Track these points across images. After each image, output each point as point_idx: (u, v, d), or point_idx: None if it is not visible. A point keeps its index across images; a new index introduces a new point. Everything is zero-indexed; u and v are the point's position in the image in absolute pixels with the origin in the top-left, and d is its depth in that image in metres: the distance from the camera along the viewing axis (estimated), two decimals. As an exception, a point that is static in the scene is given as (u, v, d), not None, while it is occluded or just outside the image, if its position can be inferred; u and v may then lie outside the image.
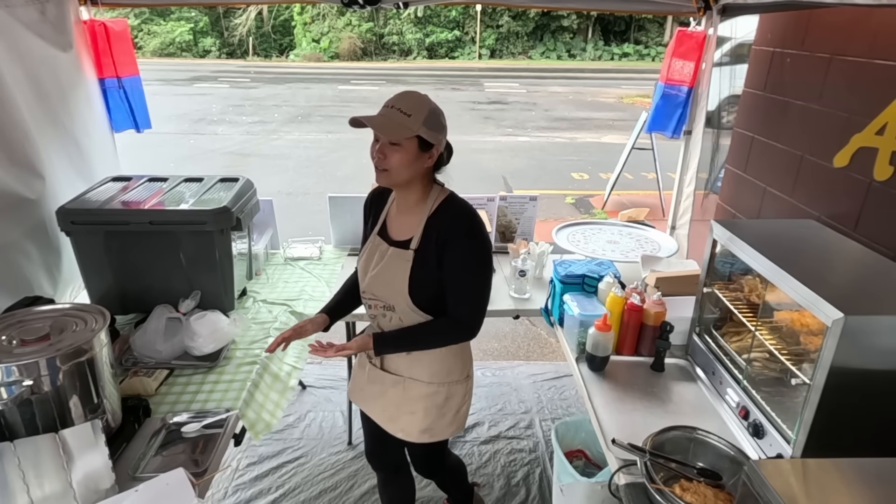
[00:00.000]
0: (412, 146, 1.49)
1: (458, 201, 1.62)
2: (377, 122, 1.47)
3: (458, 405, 1.77)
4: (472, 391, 1.83)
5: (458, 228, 1.55)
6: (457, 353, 1.73)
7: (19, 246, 2.00)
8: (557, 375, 3.36)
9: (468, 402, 1.82)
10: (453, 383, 1.74)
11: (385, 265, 1.62)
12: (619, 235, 2.80)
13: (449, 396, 1.74)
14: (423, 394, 1.72)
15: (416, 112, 1.47)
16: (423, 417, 1.73)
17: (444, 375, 1.72)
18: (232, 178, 2.32)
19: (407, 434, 1.77)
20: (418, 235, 1.58)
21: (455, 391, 1.75)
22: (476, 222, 1.58)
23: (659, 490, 1.35)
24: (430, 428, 1.75)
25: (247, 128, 10.43)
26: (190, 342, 1.89)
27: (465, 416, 1.82)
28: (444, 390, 1.72)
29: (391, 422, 1.79)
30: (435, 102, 1.54)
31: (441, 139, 1.53)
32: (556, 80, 16.67)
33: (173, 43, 21.39)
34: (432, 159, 1.54)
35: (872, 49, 1.75)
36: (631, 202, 6.69)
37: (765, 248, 1.55)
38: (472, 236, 1.56)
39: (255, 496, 2.50)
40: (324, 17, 21.54)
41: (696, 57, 2.62)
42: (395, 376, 1.74)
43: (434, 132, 1.50)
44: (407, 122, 1.46)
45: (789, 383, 1.51)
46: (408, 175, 1.53)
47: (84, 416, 1.40)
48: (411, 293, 1.58)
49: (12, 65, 1.98)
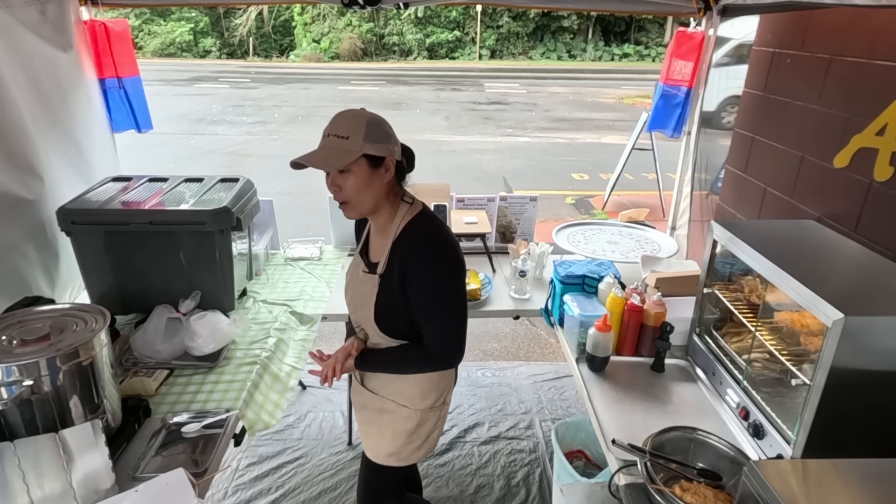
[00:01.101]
0: (362, 168, 1.39)
1: (425, 220, 1.50)
2: (314, 157, 1.39)
3: (428, 431, 1.69)
4: (445, 417, 1.75)
5: (420, 253, 1.44)
6: (435, 379, 1.64)
7: (18, 247, 2.00)
8: (557, 376, 3.36)
9: (440, 427, 1.74)
10: (427, 410, 1.65)
11: (356, 288, 1.58)
12: (619, 236, 2.80)
13: (421, 423, 1.66)
14: (394, 417, 1.65)
15: (352, 131, 1.37)
16: (392, 441, 1.68)
17: (419, 401, 1.64)
18: (232, 179, 2.32)
19: (375, 454, 1.73)
20: (384, 259, 1.49)
21: (428, 417, 1.67)
22: (440, 245, 1.46)
23: (659, 490, 1.35)
24: (396, 452, 1.69)
25: (247, 128, 10.44)
26: (190, 342, 1.89)
27: (435, 441, 1.75)
28: (416, 416, 1.64)
29: (364, 437, 1.76)
30: (372, 113, 1.43)
31: (392, 148, 1.42)
32: (557, 81, 16.68)
33: (174, 43, 21.40)
34: (389, 172, 1.44)
35: (872, 50, 1.75)
36: (631, 203, 6.69)
37: (765, 248, 1.55)
38: (436, 262, 1.45)
39: (255, 496, 2.50)
40: (324, 17, 21.55)
41: (696, 57, 2.62)
42: (371, 394, 1.68)
43: (380, 144, 1.39)
44: (346, 144, 1.37)
45: (789, 384, 1.51)
46: (370, 199, 1.44)
47: (84, 416, 1.40)
48: (377, 320, 1.52)
49: (12, 65, 1.98)
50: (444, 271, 1.46)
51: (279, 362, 2.01)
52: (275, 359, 2.00)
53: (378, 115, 1.44)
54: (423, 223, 1.50)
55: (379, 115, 1.45)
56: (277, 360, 2.01)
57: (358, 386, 1.74)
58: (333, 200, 1.49)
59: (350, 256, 2.78)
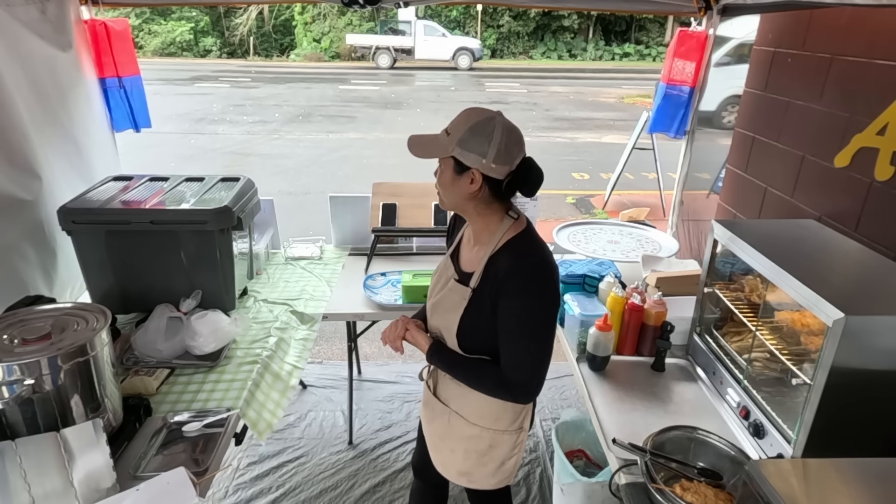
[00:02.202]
0: (449, 167, 1.36)
1: (528, 241, 1.40)
2: (416, 140, 1.40)
3: (503, 457, 1.58)
4: (523, 444, 1.61)
5: (518, 276, 1.34)
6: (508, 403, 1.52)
7: (17, 247, 2.00)
8: (558, 375, 3.36)
9: (517, 455, 1.60)
10: (500, 432, 1.54)
11: (444, 295, 1.50)
12: (619, 235, 2.80)
13: (493, 445, 1.55)
14: (465, 434, 1.56)
15: (455, 131, 1.33)
16: (463, 459, 1.59)
17: (492, 421, 1.53)
18: (233, 178, 2.32)
19: (445, 470, 1.66)
20: (479, 273, 1.40)
21: (501, 441, 1.55)
22: (541, 270, 1.37)
23: (659, 490, 1.35)
24: (468, 472, 1.61)
25: (247, 127, 10.43)
26: (191, 341, 1.90)
27: (513, 470, 1.62)
28: (487, 436, 1.54)
29: (434, 451, 1.68)
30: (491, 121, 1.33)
31: (483, 161, 1.31)
32: (557, 80, 16.67)
33: (174, 42, 21.38)
34: (475, 183, 1.34)
35: (873, 49, 1.75)
36: (632, 202, 6.69)
37: (765, 247, 1.55)
38: (533, 288, 1.35)
39: (255, 495, 2.50)
40: (324, 16, 21.54)
41: (698, 57, 2.62)
42: (443, 406, 1.59)
43: (471, 154, 1.31)
44: (443, 139, 1.35)
45: (790, 383, 1.51)
46: (451, 199, 1.40)
47: (85, 415, 1.40)
48: (459, 335, 1.45)
49: (12, 64, 1.98)
50: (540, 300, 1.36)
51: (280, 361, 2.01)
52: (276, 358, 2.00)
53: (506, 125, 1.34)
54: (524, 242, 1.40)
55: (509, 126, 1.34)
56: (278, 359, 2.01)
57: (429, 396, 1.65)
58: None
59: (351, 256, 2.82)
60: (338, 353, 3.72)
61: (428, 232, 2.70)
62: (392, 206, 2.73)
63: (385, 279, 2.56)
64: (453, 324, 1.45)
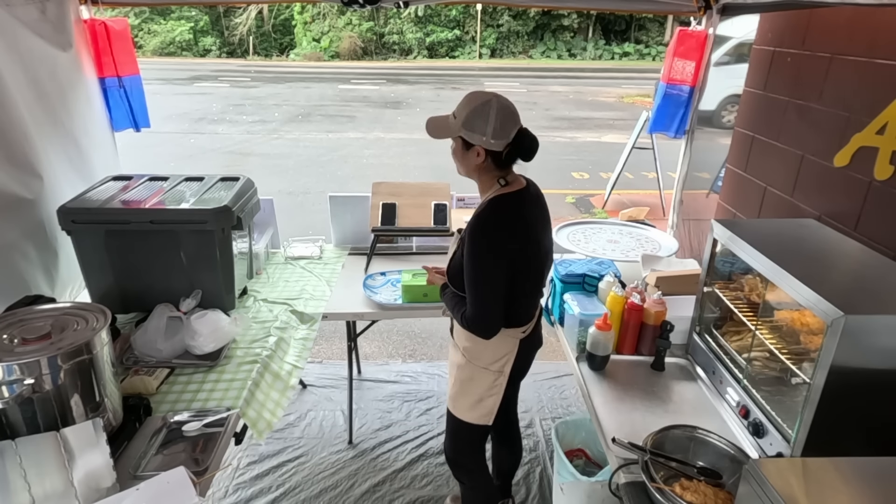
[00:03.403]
0: (458, 144, 1.66)
1: (501, 202, 1.65)
2: (431, 122, 1.69)
3: (480, 393, 1.83)
4: (500, 388, 1.83)
5: (470, 228, 1.62)
6: (488, 341, 1.74)
7: (18, 246, 2.00)
8: (557, 375, 3.36)
9: (495, 397, 1.84)
10: (480, 368, 1.80)
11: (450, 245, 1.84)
12: (619, 235, 2.80)
13: (473, 378, 1.82)
14: (454, 361, 1.87)
15: (459, 114, 1.62)
16: (453, 384, 1.89)
17: (474, 356, 1.80)
18: (232, 178, 2.32)
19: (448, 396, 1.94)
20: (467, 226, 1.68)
21: (480, 376, 1.81)
22: (491, 224, 1.61)
23: (659, 489, 1.35)
24: (454, 397, 1.90)
25: (247, 127, 10.43)
26: (191, 341, 1.90)
27: (490, 411, 1.86)
28: (468, 369, 1.81)
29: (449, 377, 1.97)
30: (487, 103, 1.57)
31: (483, 139, 1.58)
32: (557, 80, 16.66)
33: (173, 42, 21.37)
34: (480, 156, 1.62)
35: (873, 48, 1.75)
36: (631, 201, 6.69)
37: (765, 247, 1.55)
38: (477, 239, 1.60)
39: (255, 495, 2.50)
40: (324, 16, 21.53)
41: (698, 56, 2.62)
42: (453, 341, 1.90)
43: (473, 133, 1.59)
44: (450, 122, 1.64)
45: (789, 382, 1.52)
46: (463, 169, 1.70)
47: (85, 414, 1.40)
48: (448, 275, 1.78)
49: (12, 64, 1.98)
50: (481, 247, 1.61)
51: (280, 361, 2.01)
52: (275, 357, 2.00)
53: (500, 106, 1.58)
54: (496, 203, 1.65)
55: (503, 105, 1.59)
56: (278, 358, 2.01)
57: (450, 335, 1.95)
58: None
59: (350, 255, 2.82)
60: (338, 352, 3.72)
61: (428, 231, 2.70)
62: (392, 205, 2.73)
63: (385, 279, 2.56)
64: (445, 267, 1.80)
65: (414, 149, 8.92)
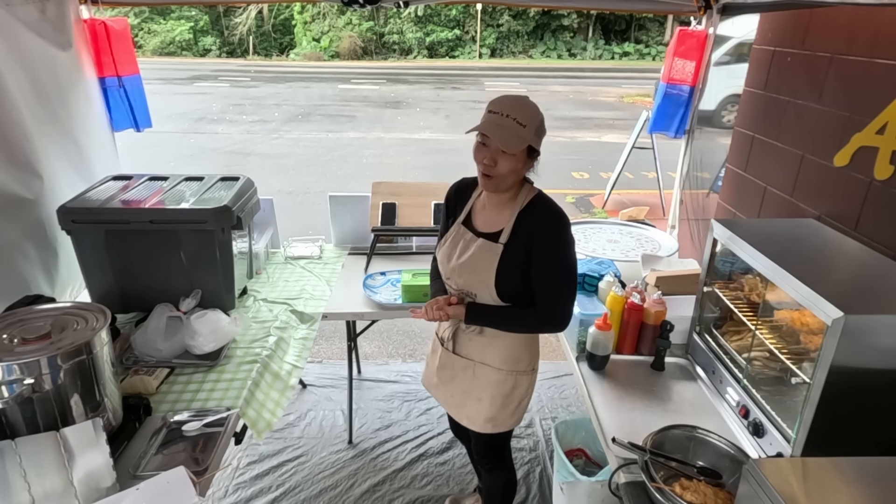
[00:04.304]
0: (522, 155, 1.54)
1: (548, 199, 1.64)
2: (497, 133, 1.48)
3: (520, 397, 1.80)
4: (534, 385, 1.85)
5: (549, 226, 1.58)
6: (528, 343, 1.76)
7: (17, 246, 2.00)
8: (557, 374, 3.36)
9: (530, 395, 1.84)
10: (520, 373, 1.77)
11: (472, 255, 1.66)
12: (619, 234, 2.80)
13: (515, 386, 1.77)
14: (491, 380, 1.75)
15: (530, 122, 1.51)
16: (490, 406, 1.77)
17: (514, 363, 1.75)
18: (232, 177, 2.32)
19: (472, 422, 1.82)
20: (508, 230, 1.60)
21: (521, 382, 1.78)
22: (565, 221, 1.60)
23: (659, 489, 1.35)
24: (494, 417, 1.79)
25: (247, 127, 10.43)
26: (190, 341, 1.90)
27: (525, 409, 1.85)
28: (511, 379, 1.75)
29: (457, 408, 1.85)
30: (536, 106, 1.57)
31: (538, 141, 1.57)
32: (557, 80, 16.67)
33: (173, 42, 21.37)
34: (533, 161, 1.60)
35: (873, 48, 1.75)
36: (631, 201, 6.69)
37: (765, 247, 1.55)
38: (562, 235, 1.59)
39: (255, 495, 2.50)
40: (324, 16, 21.52)
41: (698, 56, 2.62)
42: (466, 360, 1.77)
43: (540, 139, 1.56)
44: (523, 132, 1.49)
45: (789, 382, 1.52)
46: (513, 180, 1.58)
47: (85, 414, 1.40)
48: (497, 285, 1.62)
49: (11, 64, 1.98)
50: (569, 244, 1.60)
51: (280, 361, 2.01)
52: (275, 357, 2.00)
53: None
54: (546, 200, 1.63)
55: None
56: (278, 358, 2.01)
57: (448, 357, 1.81)
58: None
59: (350, 255, 2.81)
60: (337, 352, 3.72)
61: (427, 231, 2.70)
62: (392, 205, 2.73)
63: (385, 278, 2.56)
64: (490, 276, 1.61)
65: (414, 148, 8.93)
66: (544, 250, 1.57)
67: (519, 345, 1.74)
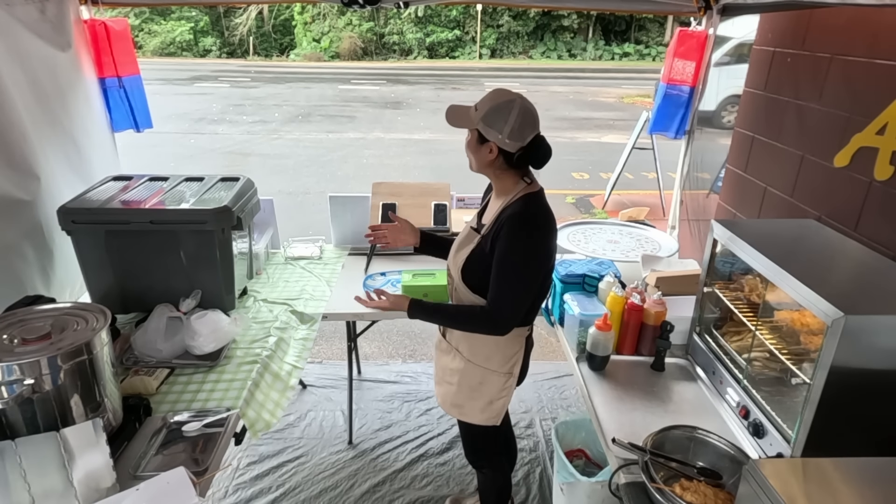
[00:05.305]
0: (473, 137, 1.64)
1: (530, 200, 1.64)
2: (452, 110, 1.68)
3: (492, 395, 1.82)
4: (510, 389, 1.85)
5: (512, 225, 1.59)
6: (498, 343, 1.76)
7: (16, 248, 2.00)
8: (558, 375, 3.36)
9: (505, 399, 1.85)
10: (490, 371, 1.79)
11: (461, 241, 1.80)
12: (619, 235, 2.80)
13: (483, 382, 1.80)
14: (459, 367, 1.83)
15: (481, 108, 1.60)
16: (457, 391, 1.85)
17: (482, 360, 1.79)
18: (232, 178, 2.32)
19: (442, 402, 1.92)
20: (489, 224, 1.67)
21: (490, 380, 1.80)
22: (532, 223, 1.61)
23: (659, 489, 1.35)
24: (460, 405, 1.86)
25: (247, 127, 10.43)
26: (191, 341, 1.90)
27: (500, 412, 1.86)
28: (478, 373, 1.79)
29: (437, 385, 1.96)
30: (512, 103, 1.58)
31: (499, 137, 1.58)
32: (557, 80, 16.67)
33: (174, 42, 21.37)
34: (493, 153, 1.61)
35: (873, 49, 1.75)
36: (631, 202, 6.69)
37: (765, 247, 1.55)
38: (520, 235, 1.59)
39: (255, 495, 2.50)
40: (324, 16, 21.53)
41: (698, 57, 2.62)
42: (448, 344, 1.86)
43: (490, 129, 1.58)
44: (470, 113, 1.63)
45: (789, 383, 1.52)
46: (475, 163, 1.67)
47: (85, 414, 1.40)
48: (463, 271, 1.72)
49: (11, 64, 1.98)
50: (525, 242, 1.61)
51: (280, 361, 2.01)
52: (275, 358, 2.00)
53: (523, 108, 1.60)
54: (530, 198, 1.65)
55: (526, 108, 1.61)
56: (278, 359, 2.01)
57: (440, 338, 1.92)
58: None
59: (350, 255, 2.82)
60: (337, 352, 3.72)
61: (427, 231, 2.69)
62: (392, 205, 2.73)
63: (385, 279, 2.56)
64: (461, 262, 1.73)
65: (414, 149, 8.93)
66: (500, 248, 1.60)
67: (488, 342, 1.76)
